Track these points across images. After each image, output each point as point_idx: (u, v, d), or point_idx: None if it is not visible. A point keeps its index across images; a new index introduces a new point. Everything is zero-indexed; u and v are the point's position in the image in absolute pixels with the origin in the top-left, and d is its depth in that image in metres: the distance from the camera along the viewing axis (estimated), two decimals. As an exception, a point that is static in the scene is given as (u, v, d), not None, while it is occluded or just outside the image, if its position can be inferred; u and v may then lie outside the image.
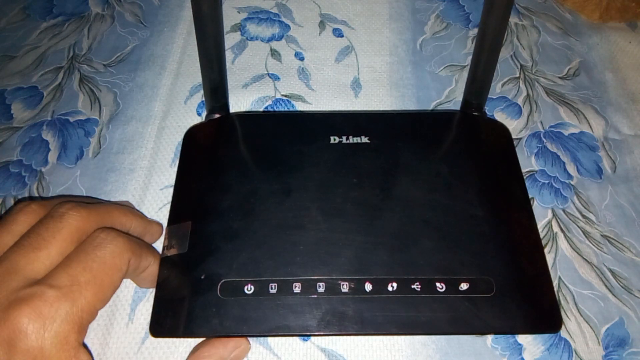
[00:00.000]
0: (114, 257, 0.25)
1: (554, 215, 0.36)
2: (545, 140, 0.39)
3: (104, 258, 0.24)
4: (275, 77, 0.42)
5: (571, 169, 0.38)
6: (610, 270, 0.33)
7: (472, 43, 0.45)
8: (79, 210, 0.25)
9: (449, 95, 0.42)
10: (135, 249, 0.26)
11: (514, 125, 0.40)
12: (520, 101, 0.42)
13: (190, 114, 0.40)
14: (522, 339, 0.31)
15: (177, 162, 0.35)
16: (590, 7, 0.47)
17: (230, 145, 0.35)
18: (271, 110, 0.40)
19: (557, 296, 0.31)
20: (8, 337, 0.21)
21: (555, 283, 0.33)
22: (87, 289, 0.23)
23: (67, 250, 0.24)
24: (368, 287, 0.28)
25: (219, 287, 0.28)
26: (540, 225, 0.35)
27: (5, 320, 0.21)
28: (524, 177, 0.34)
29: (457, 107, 0.39)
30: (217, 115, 0.37)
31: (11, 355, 0.21)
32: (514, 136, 0.38)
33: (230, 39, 0.45)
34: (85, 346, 0.23)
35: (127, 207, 0.31)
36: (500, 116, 0.41)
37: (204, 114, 0.39)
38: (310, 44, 0.45)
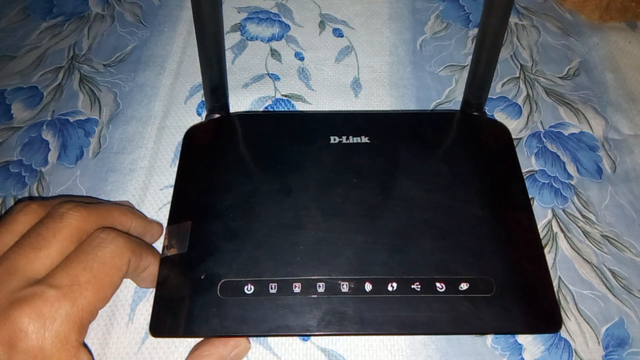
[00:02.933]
0: (114, 257, 0.25)
1: (554, 215, 0.36)
2: (545, 140, 0.39)
3: (104, 258, 0.24)
4: (275, 77, 0.42)
5: (571, 169, 0.38)
6: (610, 270, 0.33)
7: (472, 43, 0.45)
8: (79, 210, 0.25)
9: (449, 95, 0.42)
10: (135, 249, 0.26)
11: (514, 125, 0.40)
12: (520, 101, 0.42)
13: (190, 114, 0.40)
14: (522, 339, 0.31)
15: (177, 162, 0.35)
16: (590, 7, 0.47)
17: (230, 145, 0.35)
18: (271, 110, 0.40)
19: (557, 296, 0.31)
20: (8, 336, 0.21)
21: (555, 283, 0.33)
22: (87, 289, 0.23)
23: (68, 250, 0.24)
24: (368, 287, 0.28)
25: (219, 287, 0.28)
26: (540, 225, 0.35)
27: (6, 320, 0.21)
28: (524, 177, 0.34)
29: (457, 107, 0.39)
30: (217, 115, 0.37)
31: (12, 355, 0.21)
32: (514, 136, 0.38)
33: (230, 39, 0.45)
34: (85, 346, 0.23)
35: (127, 207, 0.31)
36: (500, 116, 0.41)
37: (204, 114, 0.39)
38: (310, 44, 0.45)
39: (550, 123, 0.40)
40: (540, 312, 0.28)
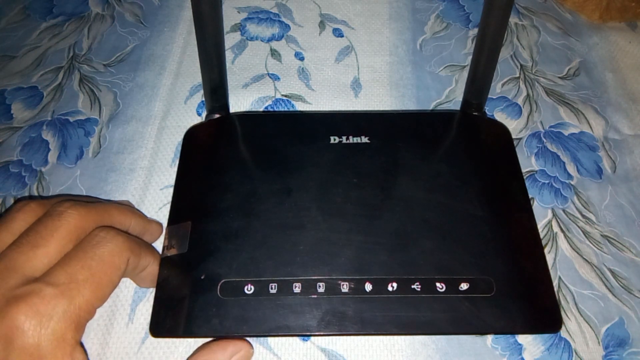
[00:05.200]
0: (113, 255, 0.25)
1: (554, 215, 0.36)
2: (545, 140, 0.39)
3: (103, 256, 0.24)
4: (275, 77, 0.42)
5: (571, 169, 0.38)
6: (610, 270, 0.33)
7: (472, 43, 0.45)
8: (78, 208, 0.25)
9: (449, 95, 0.42)
10: (134, 248, 0.26)
11: (514, 125, 0.40)
12: (520, 101, 0.42)
13: (190, 114, 0.40)
14: (522, 339, 0.31)
15: (177, 162, 0.35)
16: (590, 7, 0.47)
17: (230, 145, 0.35)
18: (271, 110, 0.40)
19: (557, 296, 0.31)
20: (5, 334, 0.21)
21: (555, 283, 0.33)
22: (85, 287, 0.23)
23: (66, 248, 0.24)
24: (368, 287, 0.28)
25: (219, 287, 0.28)
26: (540, 225, 0.35)
27: (3, 318, 0.21)
28: (524, 177, 0.34)
29: (457, 107, 0.39)
30: (217, 115, 0.37)
31: (8, 352, 0.21)
32: (514, 136, 0.38)
33: (230, 39, 0.45)
34: (82, 345, 0.23)
35: (126, 206, 0.31)
36: (500, 116, 0.41)
37: (204, 114, 0.39)
38: (310, 44, 0.45)
39: (550, 123, 0.40)
40: (541, 312, 0.28)
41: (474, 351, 0.30)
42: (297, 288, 0.28)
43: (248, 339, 0.30)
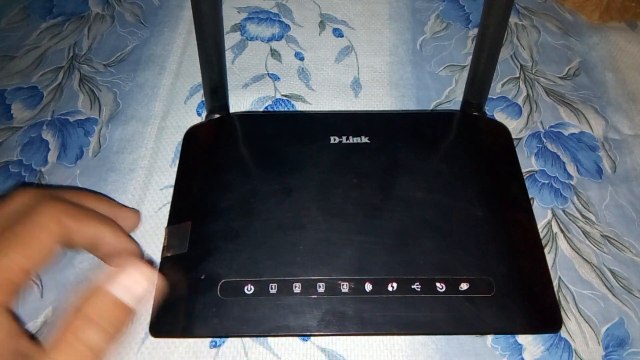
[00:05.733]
0: (44, 218, 0.24)
1: (554, 215, 0.36)
2: (545, 140, 0.39)
3: (33, 219, 0.24)
4: (275, 77, 0.42)
5: (571, 169, 0.38)
6: (610, 270, 0.33)
7: (472, 43, 0.45)
8: (30, 189, 0.26)
9: (449, 95, 0.42)
10: (73, 213, 0.26)
11: (514, 125, 0.40)
12: (520, 101, 0.42)
13: (190, 114, 0.40)
14: (522, 339, 0.31)
15: (177, 162, 0.35)
16: (590, 7, 0.47)
17: (230, 145, 0.35)
18: (271, 110, 0.40)
19: (557, 296, 0.31)
20: None
21: (555, 283, 0.33)
22: (12, 249, 0.23)
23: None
24: (368, 287, 0.28)
25: (219, 287, 0.28)
26: (540, 225, 0.35)
27: None
28: (524, 177, 0.34)
29: (457, 107, 0.39)
30: (217, 115, 0.37)
31: None
32: (514, 136, 0.38)
33: (230, 39, 0.45)
34: (12, 312, 0.23)
35: (93, 193, 0.31)
36: (500, 116, 0.41)
37: (204, 114, 0.39)
38: (310, 44, 0.45)
39: (550, 123, 0.40)
40: (541, 312, 0.28)
41: (474, 351, 0.30)
42: (297, 288, 0.28)
43: (248, 339, 0.30)
